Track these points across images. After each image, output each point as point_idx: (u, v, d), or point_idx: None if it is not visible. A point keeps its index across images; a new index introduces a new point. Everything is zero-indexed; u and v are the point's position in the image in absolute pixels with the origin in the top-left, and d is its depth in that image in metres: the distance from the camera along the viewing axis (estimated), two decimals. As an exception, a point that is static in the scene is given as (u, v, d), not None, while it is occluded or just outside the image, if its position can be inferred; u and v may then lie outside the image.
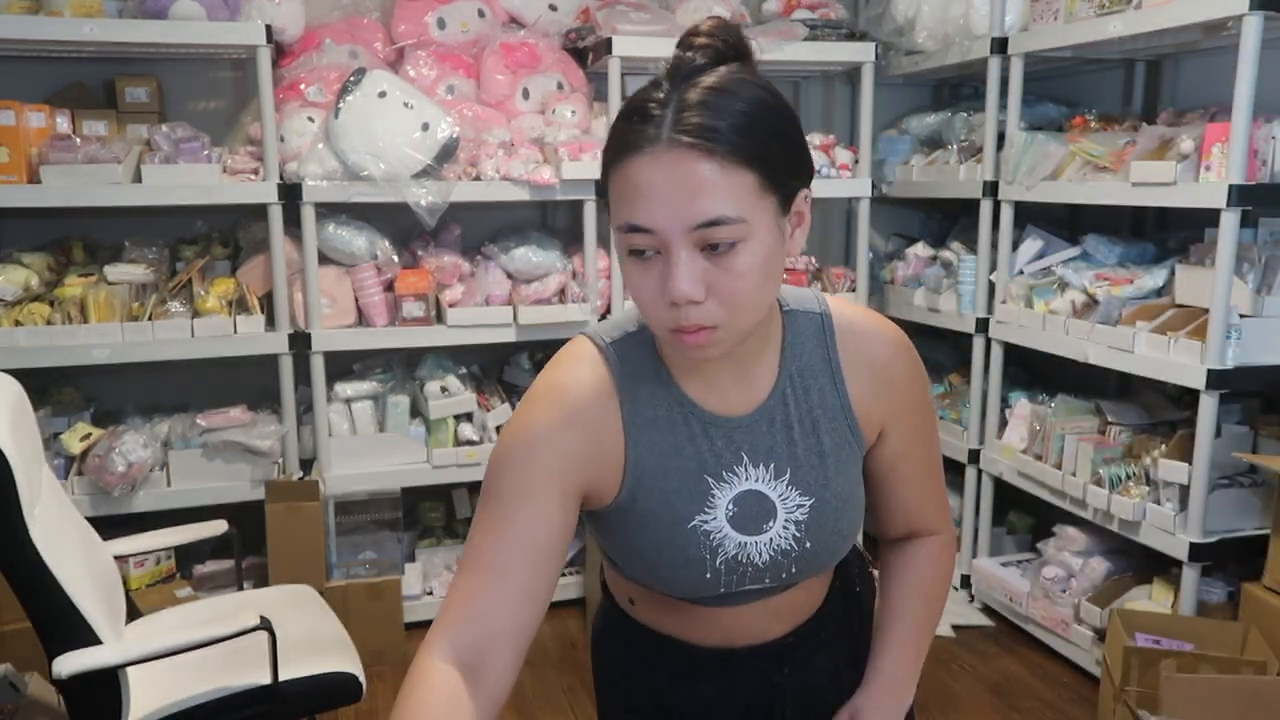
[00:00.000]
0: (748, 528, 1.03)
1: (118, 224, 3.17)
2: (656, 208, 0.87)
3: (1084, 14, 2.78)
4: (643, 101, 0.91)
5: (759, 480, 1.03)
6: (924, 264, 3.60)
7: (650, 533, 1.02)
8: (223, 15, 2.86)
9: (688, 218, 0.87)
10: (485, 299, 3.18)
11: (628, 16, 3.17)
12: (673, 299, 0.89)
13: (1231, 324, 2.40)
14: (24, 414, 1.95)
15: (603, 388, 1.01)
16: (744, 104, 0.89)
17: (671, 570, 1.03)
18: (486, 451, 3.19)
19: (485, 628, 0.91)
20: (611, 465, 1.00)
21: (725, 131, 0.87)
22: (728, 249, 0.88)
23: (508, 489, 0.96)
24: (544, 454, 0.96)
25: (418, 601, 3.21)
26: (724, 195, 0.87)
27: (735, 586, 1.06)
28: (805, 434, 1.05)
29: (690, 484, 1.02)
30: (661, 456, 1.01)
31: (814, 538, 1.05)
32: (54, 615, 1.78)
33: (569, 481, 0.97)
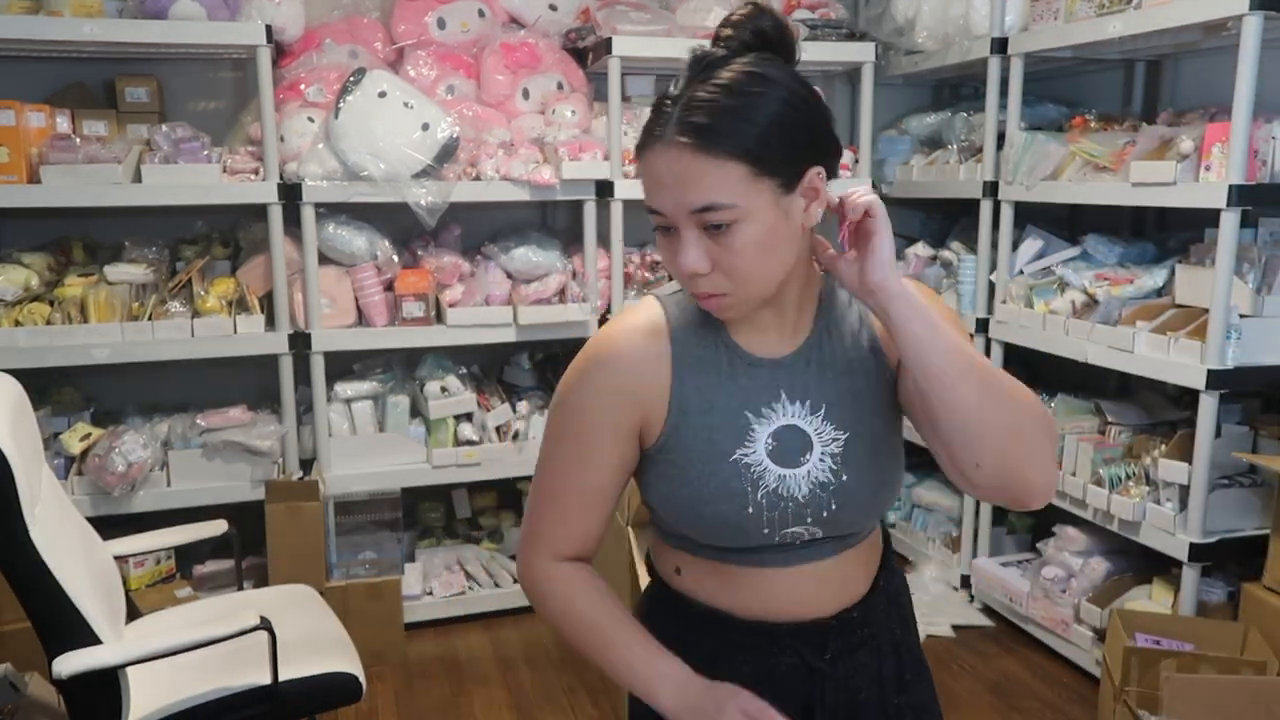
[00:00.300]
0: (786, 460, 1.10)
1: (118, 224, 3.17)
2: (664, 195, 1.02)
3: (1084, 14, 2.78)
4: (663, 97, 1.03)
5: (796, 415, 1.11)
6: (924, 264, 3.60)
7: (695, 468, 1.10)
8: (223, 15, 2.86)
9: (685, 204, 1.01)
10: (485, 299, 3.18)
11: (628, 16, 3.17)
12: (680, 271, 1.04)
13: (1231, 324, 2.40)
14: (24, 414, 1.95)
15: (656, 330, 1.12)
16: (742, 99, 0.99)
17: (715, 505, 1.09)
18: (486, 451, 3.20)
19: (584, 537, 1.14)
20: (658, 403, 1.10)
21: (716, 129, 0.98)
22: (726, 229, 1.01)
23: (571, 431, 1.11)
24: (597, 395, 1.10)
25: (418, 601, 3.22)
26: (714, 185, 0.99)
27: (779, 527, 1.10)
28: (839, 374, 1.13)
29: (731, 419, 1.10)
30: (705, 393, 1.11)
31: (849, 470, 1.11)
32: (54, 615, 1.78)
33: (624, 422, 1.10)
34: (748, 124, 0.98)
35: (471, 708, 2.82)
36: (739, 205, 0.99)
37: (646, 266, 3.35)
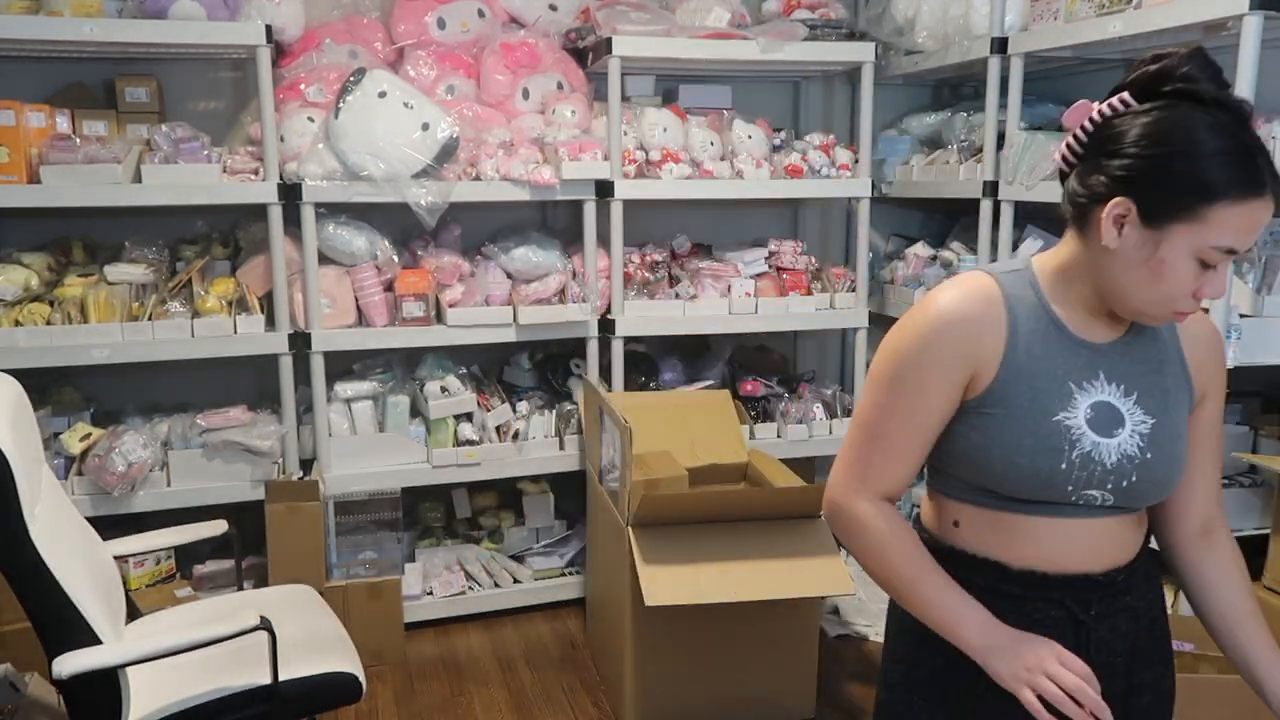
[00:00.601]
0: (1101, 430, 1.21)
1: (118, 224, 3.17)
2: (1248, 240, 1.12)
3: (1084, 14, 2.78)
4: (1255, 145, 1.11)
5: (1111, 395, 1.23)
6: (924, 264, 3.60)
7: (1018, 423, 1.21)
8: (222, 15, 2.86)
9: (1248, 245, 1.14)
10: (485, 299, 3.18)
11: (628, 16, 3.17)
12: (1201, 295, 1.15)
13: (1231, 324, 2.40)
14: (24, 414, 1.95)
15: (993, 297, 1.23)
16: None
17: (1032, 456, 1.20)
18: (486, 451, 3.20)
19: (895, 481, 1.27)
20: (990, 360, 1.21)
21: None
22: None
23: (911, 379, 1.22)
24: (939, 352, 1.21)
25: (418, 601, 3.22)
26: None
27: (1081, 487, 1.21)
28: (1151, 371, 1.26)
29: (1056, 386, 1.22)
30: (1034, 360, 1.22)
31: (1154, 450, 1.23)
32: (54, 615, 1.78)
33: (958, 372, 1.22)
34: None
35: (471, 708, 2.82)
36: None
37: (646, 266, 3.35)
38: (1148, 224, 1.13)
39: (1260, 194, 1.10)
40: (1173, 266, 1.13)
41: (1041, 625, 1.24)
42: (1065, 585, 1.25)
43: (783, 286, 3.44)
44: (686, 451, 3.00)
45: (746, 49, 3.21)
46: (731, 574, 2.44)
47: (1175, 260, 1.13)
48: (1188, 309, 1.17)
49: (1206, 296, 1.15)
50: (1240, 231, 1.11)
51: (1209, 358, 1.31)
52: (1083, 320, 1.25)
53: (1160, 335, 1.28)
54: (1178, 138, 1.11)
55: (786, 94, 3.89)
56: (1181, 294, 1.14)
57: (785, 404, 3.50)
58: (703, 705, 2.62)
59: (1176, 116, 1.11)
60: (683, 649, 2.60)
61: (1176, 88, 1.13)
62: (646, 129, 3.28)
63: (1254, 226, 1.11)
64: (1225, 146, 1.09)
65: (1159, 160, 1.11)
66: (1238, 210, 1.10)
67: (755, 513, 2.56)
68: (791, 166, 3.35)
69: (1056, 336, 1.23)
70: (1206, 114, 1.11)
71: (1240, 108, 1.12)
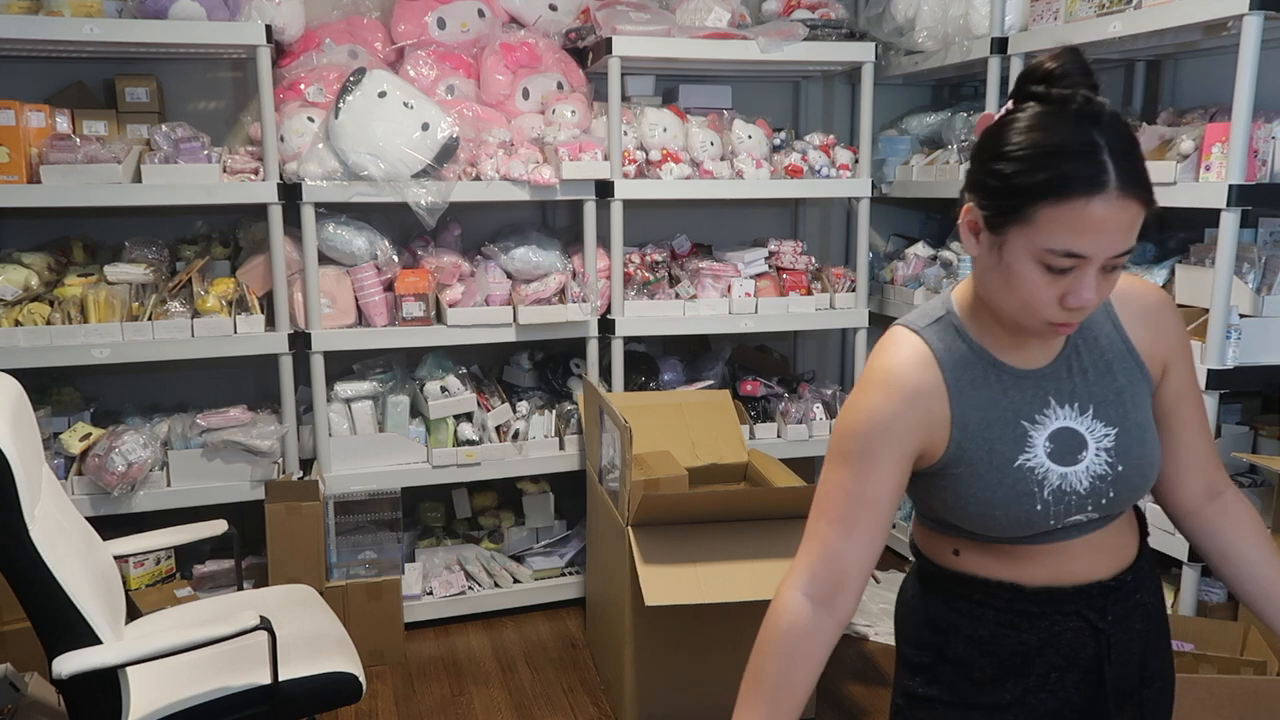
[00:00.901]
0: (1065, 459, 1.19)
1: (118, 224, 3.17)
2: (1098, 242, 1.05)
3: (1084, 14, 2.78)
4: (1086, 142, 1.05)
5: (1068, 418, 1.20)
6: (924, 264, 3.60)
7: (982, 479, 1.19)
8: (223, 15, 2.86)
9: (1111, 250, 1.06)
10: (485, 299, 3.18)
11: (628, 16, 3.17)
12: (1069, 304, 1.09)
13: (1231, 324, 2.40)
14: (24, 414, 1.95)
15: (927, 363, 1.20)
16: (1138, 146, 1.10)
17: (1005, 508, 1.18)
18: (486, 451, 3.20)
19: (840, 568, 1.18)
20: (940, 425, 1.19)
21: (1148, 183, 1.07)
22: (1114, 268, 1.09)
23: (857, 455, 1.18)
24: (888, 428, 1.17)
25: (418, 601, 3.22)
26: (1134, 233, 1.08)
27: (1063, 517, 1.19)
28: (1100, 375, 1.22)
29: (1009, 430, 1.19)
30: (982, 410, 1.19)
31: (1124, 461, 1.21)
32: (54, 615, 1.78)
33: (908, 447, 1.18)
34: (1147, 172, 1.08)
35: (471, 708, 2.82)
36: (1133, 246, 1.09)
37: (646, 266, 3.35)
38: (990, 229, 1.11)
39: (1091, 193, 1.03)
40: (1018, 272, 1.09)
41: (1062, 638, 1.24)
42: (1081, 596, 1.24)
43: (783, 286, 3.44)
44: (686, 451, 3.00)
45: (746, 49, 3.21)
46: (731, 574, 2.44)
47: (1018, 265, 1.09)
48: (1058, 318, 1.11)
49: (1073, 305, 1.09)
50: (1075, 233, 1.04)
51: (1157, 330, 1.26)
52: (1012, 347, 1.21)
53: (1100, 335, 1.24)
54: (1006, 140, 1.09)
55: (786, 94, 3.89)
56: (1039, 301, 1.10)
57: (785, 404, 3.50)
58: (703, 705, 2.62)
59: (1013, 119, 1.09)
60: (683, 649, 2.60)
61: (1030, 90, 1.11)
62: (646, 129, 3.28)
63: (1094, 228, 1.04)
64: (1056, 146, 1.05)
65: (989, 163, 1.10)
66: (1066, 211, 1.04)
67: (755, 513, 2.55)
68: (791, 166, 3.35)
69: (996, 378, 1.20)
70: (1048, 113, 1.08)
71: (1086, 106, 1.07)
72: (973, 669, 1.27)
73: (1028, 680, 1.25)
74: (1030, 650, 1.24)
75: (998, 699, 1.26)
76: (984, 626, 1.26)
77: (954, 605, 1.28)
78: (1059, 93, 1.08)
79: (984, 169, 1.11)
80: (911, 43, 3.48)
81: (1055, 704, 1.26)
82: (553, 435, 3.31)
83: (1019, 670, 1.25)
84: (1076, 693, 1.26)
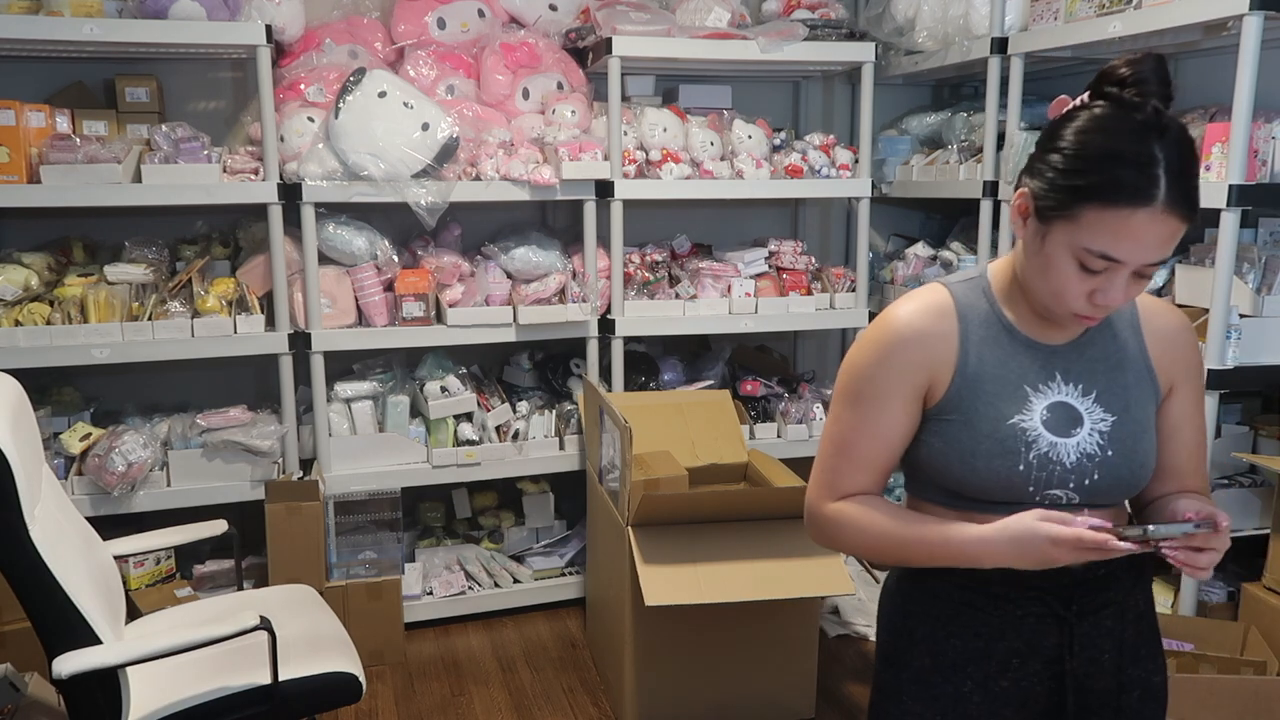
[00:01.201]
0: (1058, 430, 1.23)
1: (118, 224, 3.17)
2: (1137, 251, 1.10)
3: (1084, 14, 2.78)
4: (1145, 154, 1.09)
5: (1069, 395, 1.25)
6: (924, 264, 3.60)
7: (973, 429, 1.23)
8: (223, 15, 2.86)
9: (1148, 259, 1.12)
10: (485, 299, 3.18)
11: (628, 16, 3.17)
12: (1106, 304, 1.15)
13: (1231, 324, 2.41)
14: (24, 414, 1.95)
15: (944, 311, 1.27)
16: (1197, 165, 1.14)
17: (988, 460, 1.22)
18: (486, 451, 3.20)
19: (856, 488, 1.29)
20: (944, 369, 1.25)
21: (1197, 201, 1.12)
22: (1145, 275, 1.14)
23: (868, 393, 1.26)
24: (895, 365, 1.25)
25: (418, 601, 3.22)
26: (1173, 244, 1.12)
27: (1043, 487, 1.23)
28: (1110, 369, 1.27)
29: (1010, 390, 1.24)
30: (986, 366, 1.25)
31: (1115, 448, 1.24)
32: (54, 615, 1.78)
33: (914, 386, 1.25)
34: (1198, 190, 1.13)
35: (471, 708, 2.82)
36: (1169, 256, 1.14)
37: (646, 266, 3.35)
38: (1038, 217, 1.16)
39: (1137, 204, 1.08)
40: (1056, 263, 1.15)
41: (1024, 621, 1.27)
42: (1043, 582, 1.25)
43: (783, 286, 3.44)
44: (686, 451, 3.00)
45: (746, 49, 3.21)
46: (731, 574, 2.44)
47: (1056, 257, 1.15)
48: (1083, 311, 1.17)
49: (1100, 304, 1.16)
50: (1115, 239, 1.09)
51: (1174, 351, 1.31)
52: (1035, 322, 1.27)
53: (1120, 333, 1.29)
54: (1072, 137, 1.13)
55: (786, 94, 3.89)
56: (1070, 293, 1.16)
57: (785, 404, 3.50)
58: (703, 705, 2.62)
59: (1086, 116, 1.14)
60: (683, 649, 2.60)
61: (1105, 90, 1.15)
62: (646, 129, 3.28)
63: (1134, 237, 1.09)
64: (1114, 151, 1.10)
65: (1050, 155, 1.15)
66: (1111, 216, 1.09)
67: (755, 513, 2.55)
68: (791, 166, 3.35)
69: (1009, 341, 1.26)
70: (1114, 117, 1.12)
71: (1154, 117, 1.10)
72: (939, 653, 1.30)
73: (988, 666, 1.27)
74: (991, 632, 1.28)
75: (959, 686, 1.29)
76: (947, 606, 1.30)
77: (924, 584, 1.33)
78: (1131, 98, 1.12)
79: (1043, 158, 1.16)
80: (911, 43, 3.48)
81: (1018, 694, 1.28)
82: (553, 435, 3.31)
83: (980, 656, 1.28)
84: (1039, 684, 1.28)
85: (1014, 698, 1.28)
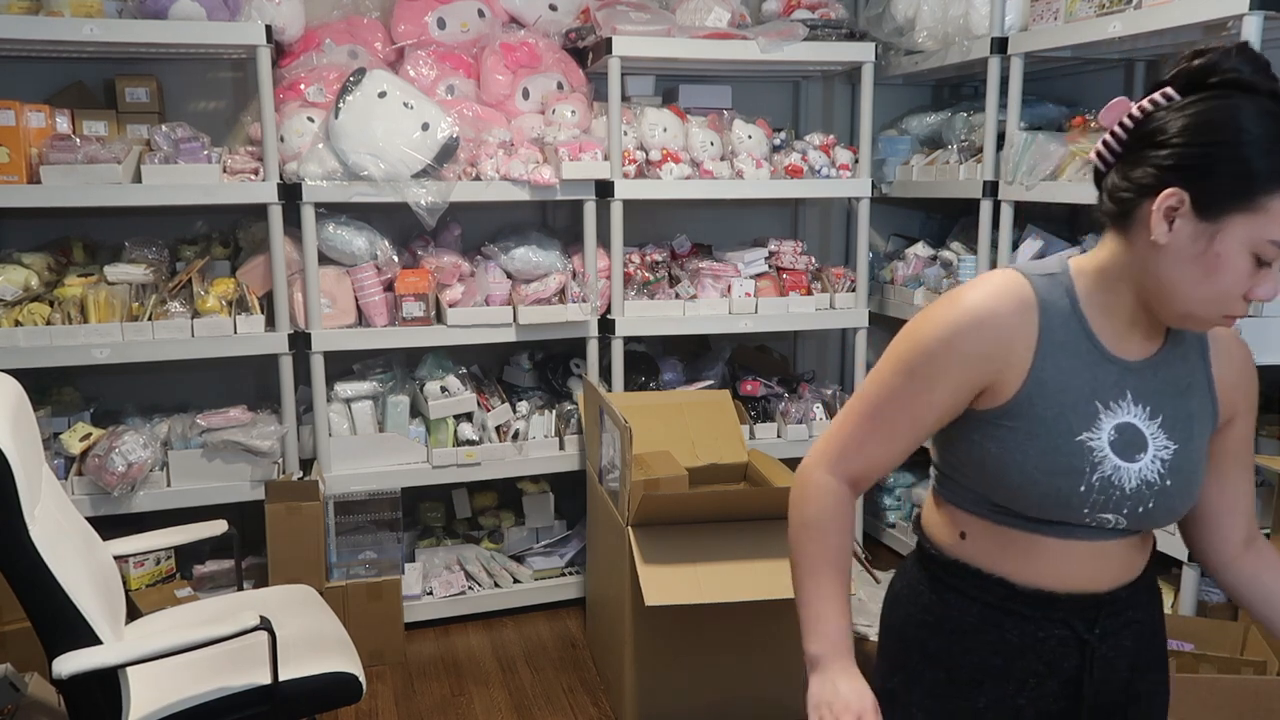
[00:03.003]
0: (1123, 453, 1.17)
1: (118, 224, 3.17)
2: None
3: (1084, 14, 2.78)
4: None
5: (1136, 417, 1.19)
6: (924, 264, 3.60)
7: (1038, 441, 1.16)
8: (223, 15, 2.86)
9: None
10: (485, 299, 3.18)
11: (628, 16, 3.17)
12: (1268, 298, 1.10)
13: (1231, 324, 2.40)
14: (24, 414, 1.95)
15: (1027, 302, 1.17)
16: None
17: (1051, 476, 1.16)
18: (486, 451, 3.20)
19: (869, 467, 1.23)
20: (1017, 368, 1.17)
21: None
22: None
23: (923, 370, 1.17)
24: (960, 350, 1.16)
25: (418, 601, 3.22)
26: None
27: (1097, 511, 1.18)
28: (1178, 393, 1.21)
29: (1083, 403, 1.17)
30: (1063, 374, 1.17)
31: (1174, 477, 1.19)
32: (54, 615, 1.78)
33: (972, 376, 1.17)
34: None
35: (471, 708, 2.82)
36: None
37: (646, 266, 3.35)
38: (1202, 216, 1.07)
39: None
40: (1228, 261, 1.08)
41: (1046, 644, 1.24)
42: (1071, 604, 1.23)
43: (783, 286, 3.44)
44: (686, 451, 3.00)
45: (746, 49, 3.21)
46: (731, 574, 2.44)
47: (1230, 254, 1.07)
48: (1238, 311, 1.11)
49: (1259, 298, 1.10)
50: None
51: (1240, 380, 1.26)
52: (1117, 333, 1.20)
53: (1190, 356, 1.24)
54: (1234, 124, 1.06)
55: (786, 94, 3.89)
56: (1234, 293, 1.09)
57: (785, 404, 3.50)
58: (703, 705, 2.62)
59: (1231, 105, 1.07)
60: (683, 649, 2.60)
61: (1225, 78, 1.08)
62: (646, 129, 3.28)
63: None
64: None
65: (1214, 148, 1.06)
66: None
67: (755, 513, 2.55)
68: (791, 166, 3.35)
69: (1087, 350, 1.18)
70: (1258, 102, 1.07)
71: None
72: (954, 668, 1.26)
73: (1006, 685, 1.25)
74: (1011, 650, 1.24)
75: (974, 703, 1.26)
76: (969, 619, 1.25)
77: (944, 596, 1.28)
78: (1266, 84, 1.08)
79: (1206, 153, 1.07)
80: (911, 43, 3.48)
81: (1033, 714, 1.25)
82: (553, 435, 3.31)
83: (998, 674, 1.25)
84: (1054, 704, 1.25)
85: (1028, 715, 1.26)
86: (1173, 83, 1.12)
